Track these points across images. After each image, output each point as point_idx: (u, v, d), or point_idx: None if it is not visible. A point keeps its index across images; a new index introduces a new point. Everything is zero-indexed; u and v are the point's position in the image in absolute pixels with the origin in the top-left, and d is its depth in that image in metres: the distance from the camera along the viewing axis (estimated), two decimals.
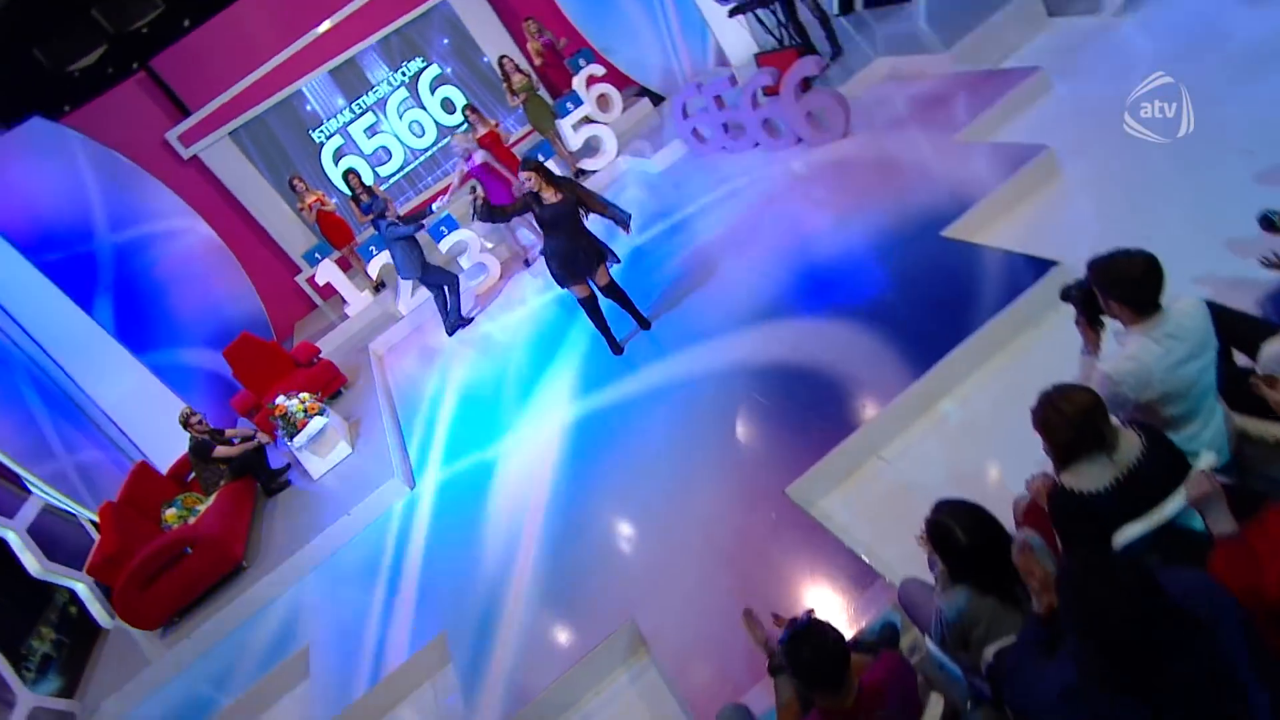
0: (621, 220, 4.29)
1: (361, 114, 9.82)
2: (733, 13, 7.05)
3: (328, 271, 8.38)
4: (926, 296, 3.62)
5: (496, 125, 7.78)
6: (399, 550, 4.52)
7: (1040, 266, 3.36)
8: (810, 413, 3.42)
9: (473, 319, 6.72)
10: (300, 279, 9.72)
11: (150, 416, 6.91)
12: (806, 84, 5.61)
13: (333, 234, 8.79)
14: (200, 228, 9.19)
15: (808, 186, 5.07)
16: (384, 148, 10.00)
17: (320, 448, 5.92)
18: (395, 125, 9.91)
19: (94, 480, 6.42)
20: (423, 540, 4.49)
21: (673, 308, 4.88)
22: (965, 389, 3.24)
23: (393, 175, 9.95)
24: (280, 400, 5.99)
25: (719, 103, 6.37)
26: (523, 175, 4.31)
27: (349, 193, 8.01)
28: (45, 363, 6.68)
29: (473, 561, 3.98)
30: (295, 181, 8.68)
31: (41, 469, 5.93)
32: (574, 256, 4.28)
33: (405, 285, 7.90)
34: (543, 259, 4.48)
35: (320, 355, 7.33)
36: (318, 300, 9.98)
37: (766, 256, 4.74)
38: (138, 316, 7.92)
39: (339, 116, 9.74)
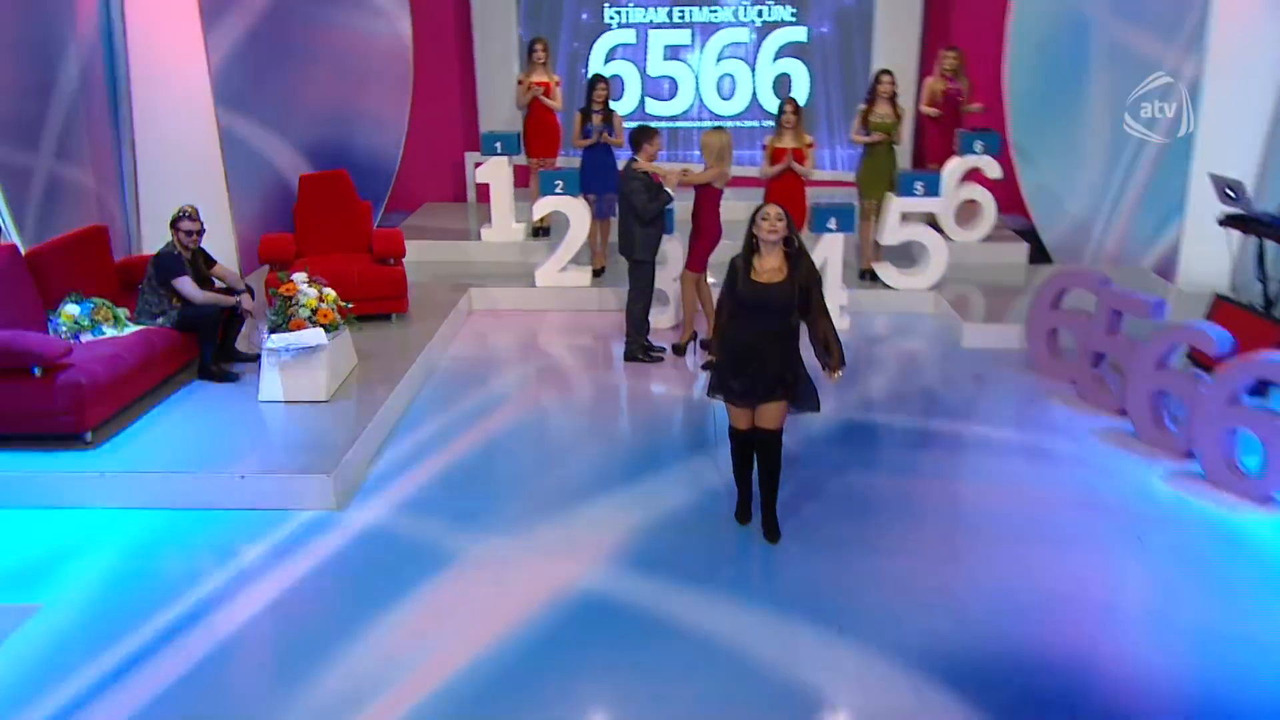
0: (834, 361, 4.48)
1: (678, 26, 10.44)
2: (1228, 221, 7.01)
3: (495, 174, 8.86)
4: None
5: (810, 146, 7.72)
6: (221, 599, 4.34)
7: None
8: None
9: (660, 354, 7.02)
10: (469, 160, 10.15)
11: (174, 181, 7.37)
12: (1263, 388, 5.42)
13: (538, 135, 9.07)
14: (401, 26, 9.89)
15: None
16: (672, 80, 10.65)
17: (294, 368, 5.85)
18: (705, 65, 10.58)
19: (53, 205, 6.77)
20: (264, 600, 4.32)
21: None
22: None
23: (658, 121, 10.53)
24: (297, 278, 5.95)
25: (1114, 320, 6.19)
26: (772, 214, 4.38)
27: (584, 104, 8.36)
28: (111, 48, 7.43)
29: (298, 681, 3.77)
30: (537, 47, 8.96)
31: (7, 152, 6.29)
32: (760, 365, 4.41)
33: (567, 251, 8.15)
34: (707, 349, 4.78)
35: (403, 259, 7.54)
36: (469, 194, 10.61)
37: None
38: (253, 67, 8.46)
39: (651, 11, 10.43)
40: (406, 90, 10.02)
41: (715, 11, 10.34)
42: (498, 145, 8.81)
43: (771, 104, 10.11)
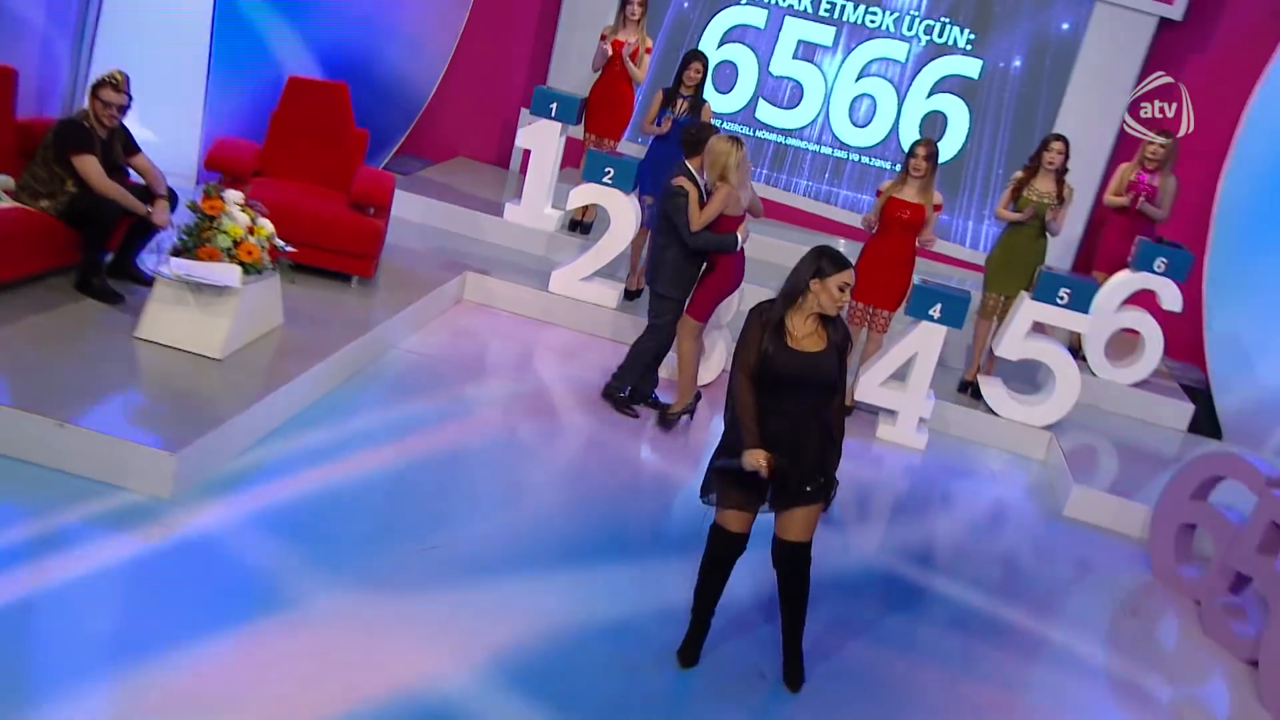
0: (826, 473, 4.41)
1: (822, 20, 10.38)
2: None
3: (539, 141, 8.81)
4: None
5: (937, 209, 7.54)
6: None
7: None
8: None
9: (633, 413, 6.93)
10: (524, 119, 10.06)
11: (142, 44, 7.29)
12: None
13: (604, 107, 8.94)
14: None
15: None
16: (796, 85, 10.54)
17: (191, 308, 5.63)
18: (843, 77, 10.49)
19: None
20: (8, 596, 4.01)
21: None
22: None
23: (769, 132, 10.53)
24: (229, 196, 5.76)
25: (1273, 537, 5.82)
26: (848, 282, 4.29)
27: (672, 83, 8.33)
28: None
29: None
30: (632, 3, 8.81)
31: None
32: (794, 456, 4.30)
33: (596, 258, 8.01)
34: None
35: (387, 213, 7.41)
36: (513, 161, 10.56)
37: None
38: None
39: (791, 0, 10.39)
40: (463, 13, 9.94)
41: (874, 14, 10.24)
42: (552, 106, 8.68)
43: (912, 137, 9.74)
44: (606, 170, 7.78)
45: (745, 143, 6.43)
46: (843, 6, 10.22)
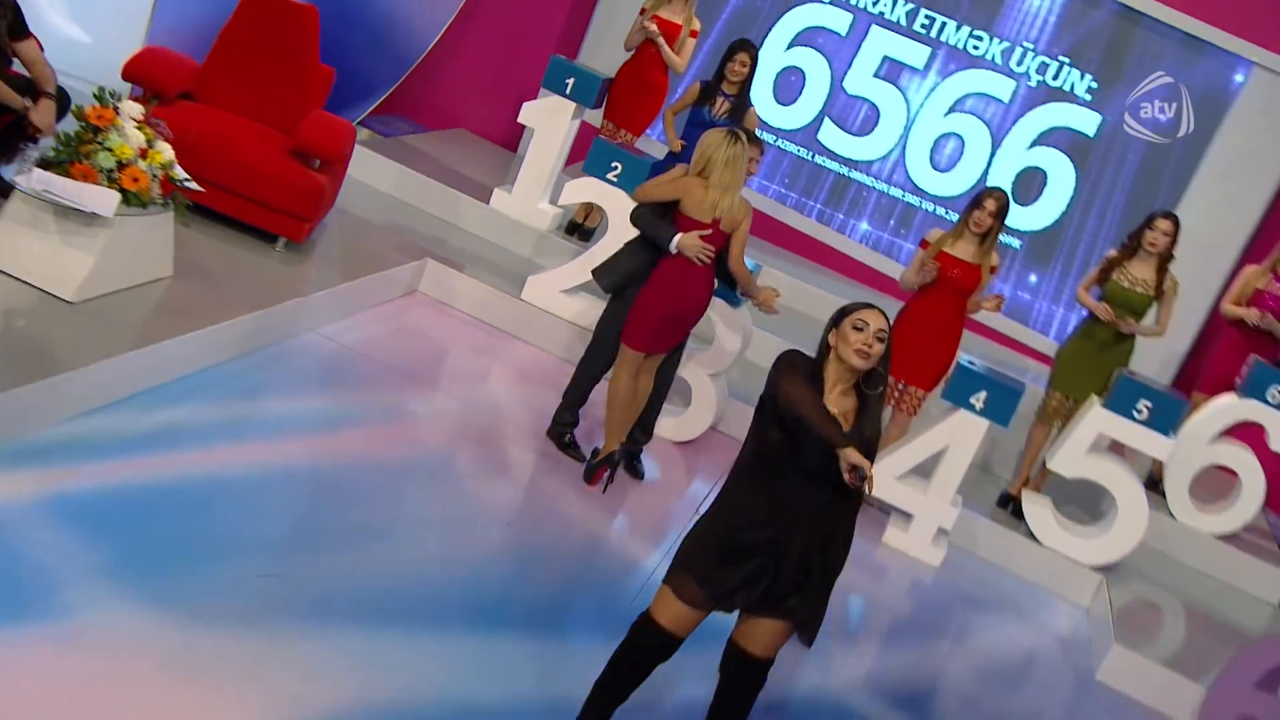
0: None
1: (915, 36, 10.34)
2: None
3: (546, 121, 8.73)
4: None
5: (993, 271, 7.40)
6: None
7: None
8: None
9: (577, 456, 6.72)
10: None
11: None
12: None
13: (631, 94, 8.85)
14: None
15: None
16: (872, 108, 10.50)
17: (51, 235, 5.44)
18: (927, 108, 10.48)
19: None
20: None
21: None
22: None
23: (824, 159, 10.60)
24: (126, 108, 5.59)
25: None
26: (873, 325, 4.15)
27: (713, 76, 8.32)
28: None
29: None
30: None
31: None
32: (785, 547, 4.12)
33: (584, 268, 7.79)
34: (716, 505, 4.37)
35: (339, 170, 7.32)
36: (522, 145, 10.33)
37: None
38: None
39: (883, 5, 10.38)
40: None
41: (980, 39, 10.16)
42: (568, 82, 8.55)
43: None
44: (613, 165, 7.61)
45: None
46: (944, 24, 10.20)
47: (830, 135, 10.35)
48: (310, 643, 4.33)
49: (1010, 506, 7.71)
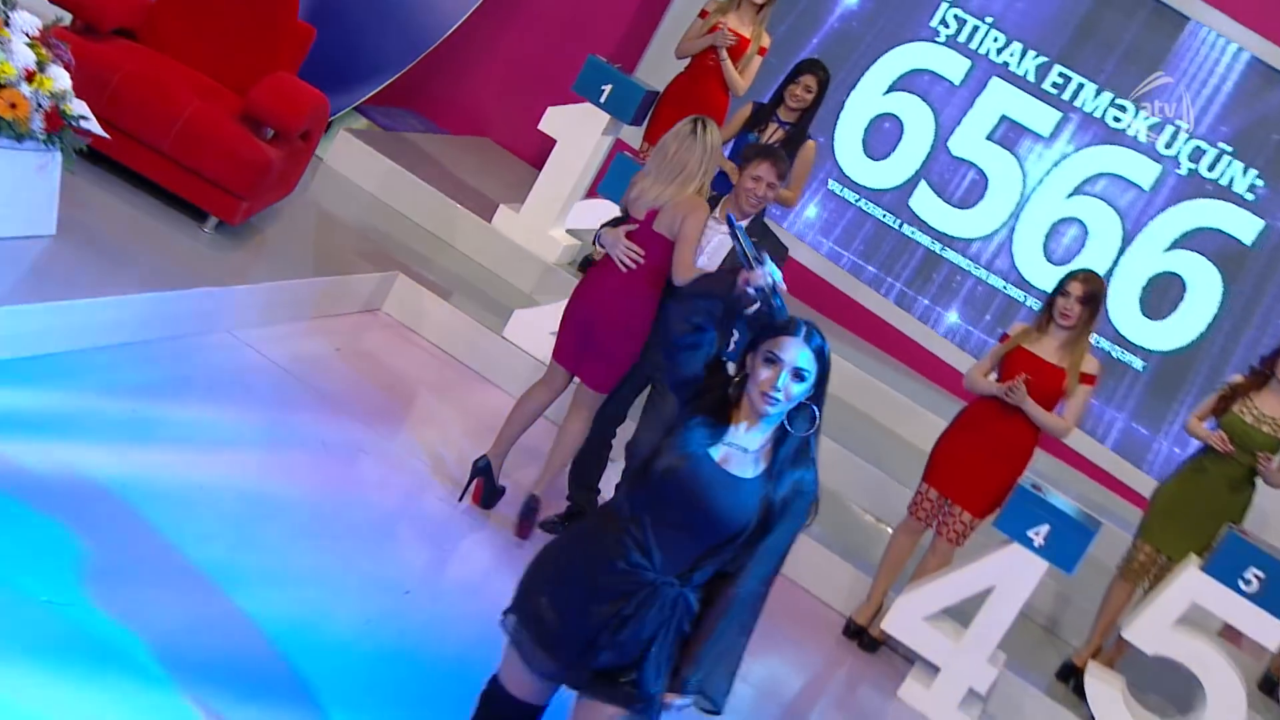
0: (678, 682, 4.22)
1: (1043, 97, 10.37)
2: None
3: (570, 131, 8.81)
4: None
5: (1088, 383, 7.11)
6: None
7: None
8: None
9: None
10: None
11: None
12: None
13: (671, 111, 8.61)
14: None
15: None
16: (980, 176, 10.53)
17: None
18: (1048, 184, 10.48)
19: None
20: None
21: None
22: None
23: (914, 230, 10.64)
24: (23, 21, 5.58)
25: None
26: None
27: (771, 98, 8.34)
28: None
29: None
30: None
31: None
32: (633, 611, 4.08)
33: None
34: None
35: (299, 147, 7.27)
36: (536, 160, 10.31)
37: None
38: None
39: (1014, 48, 10.42)
40: None
41: (1123, 110, 10.10)
42: (603, 89, 8.53)
43: (1127, 304, 9.78)
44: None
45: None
46: (1081, 86, 10.24)
47: (925, 202, 10.26)
48: (67, 689, 4.04)
49: (1072, 681, 7.41)
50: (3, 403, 5.28)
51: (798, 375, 3.79)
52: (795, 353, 3.80)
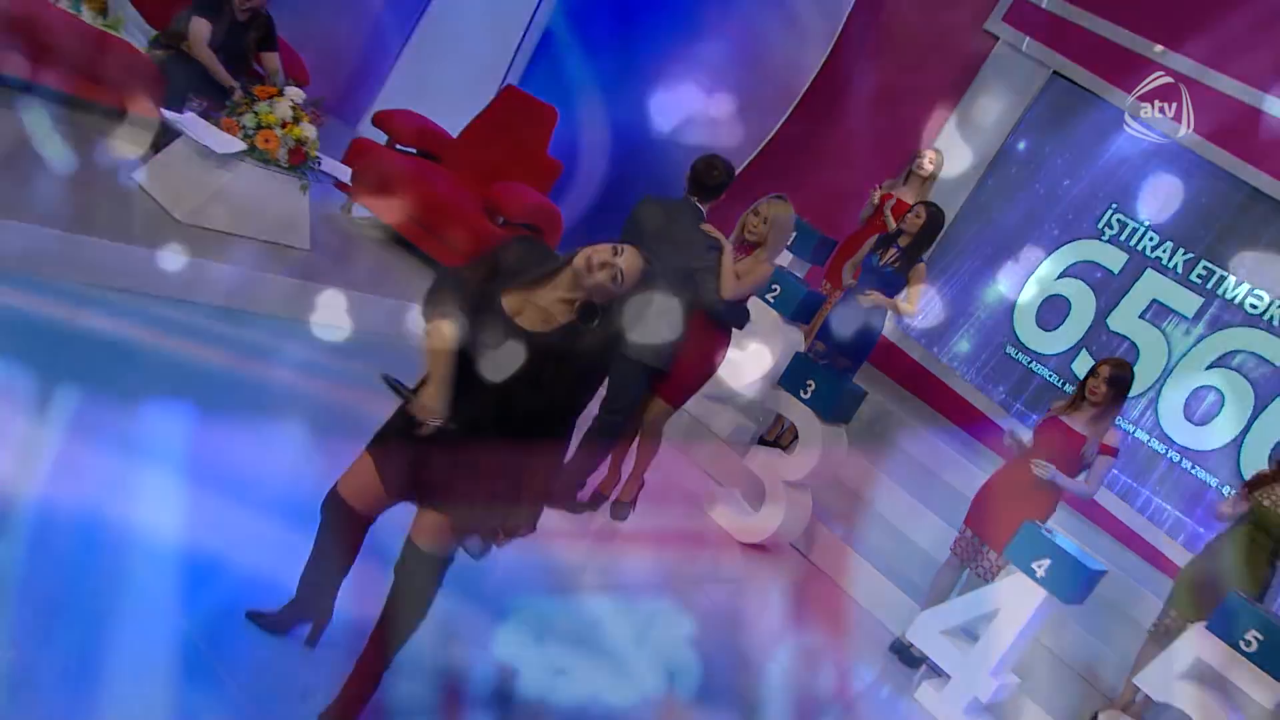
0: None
1: (1183, 280, 10.43)
2: None
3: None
4: None
5: (1108, 456, 7.31)
6: None
7: None
8: None
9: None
10: None
11: None
12: None
13: (845, 260, 9.10)
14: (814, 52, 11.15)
15: None
16: (1130, 347, 10.62)
17: (195, 165, 6.65)
18: (1190, 357, 10.36)
19: None
20: None
21: None
22: None
23: (1054, 377, 10.76)
24: (292, 93, 6.83)
25: None
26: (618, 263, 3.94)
27: (892, 225, 8.78)
28: None
29: None
30: (926, 156, 9.27)
31: None
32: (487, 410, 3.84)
33: None
34: None
35: (525, 236, 8.09)
36: None
37: None
38: None
39: (1154, 239, 10.57)
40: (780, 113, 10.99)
41: (1259, 299, 10.12)
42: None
43: (1258, 463, 9.24)
44: (774, 287, 8.12)
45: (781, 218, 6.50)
46: (1222, 278, 10.17)
47: (1086, 368, 9.99)
48: None
49: None
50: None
51: (632, 274, 3.76)
52: (632, 261, 3.74)
